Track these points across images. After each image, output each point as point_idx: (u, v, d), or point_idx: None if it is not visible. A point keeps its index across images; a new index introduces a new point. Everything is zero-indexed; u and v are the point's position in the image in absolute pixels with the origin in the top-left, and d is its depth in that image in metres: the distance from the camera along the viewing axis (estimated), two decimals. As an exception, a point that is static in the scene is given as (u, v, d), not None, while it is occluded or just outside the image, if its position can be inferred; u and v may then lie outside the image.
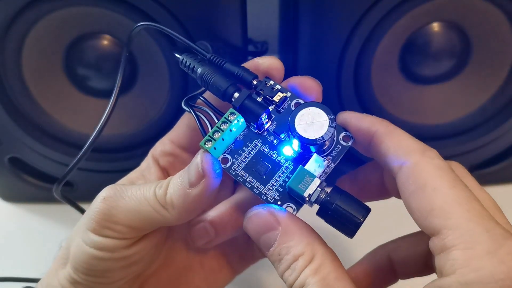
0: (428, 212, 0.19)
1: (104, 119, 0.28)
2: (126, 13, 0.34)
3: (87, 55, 0.37)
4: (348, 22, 0.35)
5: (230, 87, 0.24)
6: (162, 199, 0.23)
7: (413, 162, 0.20)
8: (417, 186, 0.19)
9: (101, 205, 0.24)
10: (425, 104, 0.41)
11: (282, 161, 0.23)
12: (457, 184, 0.19)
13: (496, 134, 0.42)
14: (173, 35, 0.27)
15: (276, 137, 0.24)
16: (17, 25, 0.35)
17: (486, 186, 0.46)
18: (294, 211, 0.22)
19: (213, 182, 0.22)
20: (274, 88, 0.24)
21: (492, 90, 0.41)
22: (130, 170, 0.42)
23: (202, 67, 0.25)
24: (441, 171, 0.20)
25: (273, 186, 0.23)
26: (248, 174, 0.23)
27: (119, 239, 0.24)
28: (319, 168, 0.22)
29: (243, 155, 0.23)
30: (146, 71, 0.38)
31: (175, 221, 0.23)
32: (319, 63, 0.38)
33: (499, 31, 0.38)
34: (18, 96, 0.38)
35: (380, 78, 0.39)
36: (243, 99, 0.23)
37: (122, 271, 0.25)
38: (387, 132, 0.22)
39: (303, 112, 0.22)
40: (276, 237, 0.21)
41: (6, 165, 0.42)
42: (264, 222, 0.22)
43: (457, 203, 0.18)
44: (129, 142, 0.41)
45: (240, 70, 0.24)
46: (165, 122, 0.40)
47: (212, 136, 0.23)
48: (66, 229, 0.43)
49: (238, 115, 0.23)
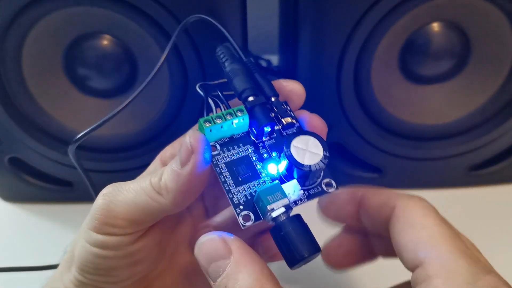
0: (415, 245, 0.20)
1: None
2: (126, 13, 0.34)
3: (87, 55, 0.37)
4: (348, 22, 0.35)
5: (249, 89, 0.25)
6: (157, 185, 0.23)
7: (403, 204, 0.22)
8: (407, 225, 0.21)
9: (100, 202, 0.24)
10: (425, 104, 0.41)
11: (262, 175, 0.24)
12: (443, 223, 0.21)
13: (496, 134, 0.42)
14: (223, 32, 0.29)
15: (267, 152, 0.24)
16: (17, 25, 0.35)
17: (486, 186, 0.47)
18: (251, 221, 0.22)
19: (202, 158, 0.22)
20: (287, 112, 0.25)
21: (492, 90, 0.41)
22: (130, 170, 0.42)
23: (233, 63, 0.26)
24: (427, 211, 0.21)
25: (244, 191, 0.23)
26: (227, 170, 0.23)
27: (120, 236, 0.24)
28: (293, 195, 0.22)
29: (232, 152, 0.24)
30: (146, 71, 0.38)
31: (171, 206, 0.23)
32: (319, 63, 0.38)
33: (499, 31, 0.38)
34: (18, 96, 0.38)
35: (380, 78, 0.39)
36: (257, 103, 0.24)
37: (127, 269, 0.25)
38: (374, 192, 0.24)
39: (304, 138, 0.23)
40: (225, 267, 0.20)
41: (6, 165, 0.42)
42: (216, 248, 0.21)
43: (443, 238, 0.20)
44: (129, 142, 0.41)
45: (266, 84, 0.26)
46: (165, 122, 0.40)
47: (214, 119, 0.23)
48: (66, 229, 0.44)
49: (245, 114, 0.24)
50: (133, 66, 0.37)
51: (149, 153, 0.41)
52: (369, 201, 0.23)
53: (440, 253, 0.19)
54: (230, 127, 0.24)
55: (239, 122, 0.24)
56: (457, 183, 0.46)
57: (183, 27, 0.29)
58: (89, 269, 0.24)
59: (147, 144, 0.41)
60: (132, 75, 0.38)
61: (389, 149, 0.43)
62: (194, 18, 0.30)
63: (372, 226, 0.24)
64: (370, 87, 0.39)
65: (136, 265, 0.25)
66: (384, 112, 0.41)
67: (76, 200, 0.45)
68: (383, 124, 0.42)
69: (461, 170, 0.45)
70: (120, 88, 0.38)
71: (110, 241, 0.24)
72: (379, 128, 0.42)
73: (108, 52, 0.37)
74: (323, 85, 0.39)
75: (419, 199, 0.22)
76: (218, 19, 0.34)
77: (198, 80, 0.36)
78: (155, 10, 0.33)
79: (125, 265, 0.25)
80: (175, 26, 0.34)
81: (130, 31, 0.35)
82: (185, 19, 0.30)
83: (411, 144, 0.43)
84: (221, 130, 0.24)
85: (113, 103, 0.39)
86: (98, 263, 0.24)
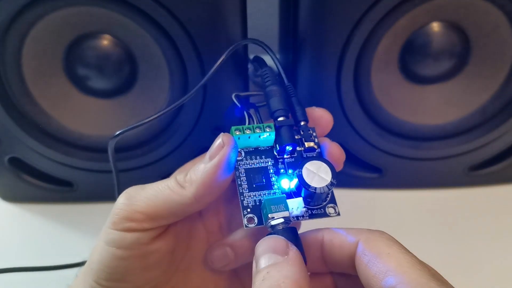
0: (384, 273, 0.21)
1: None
2: (126, 13, 0.34)
3: (87, 55, 0.37)
4: (348, 22, 0.35)
5: (282, 110, 0.28)
6: (181, 180, 0.25)
7: (366, 238, 0.23)
8: (373, 257, 0.22)
9: (122, 198, 0.25)
10: (425, 104, 0.41)
11: (275, 187, 0.26)
12: (406, 251, 0.22)
13: (496, 134, 0.42)
14: (272, 56, 0.31)
15: (285, 168, 0.27)
16: (17, 25, 0.35)
17: (486, 186, 0.47)
18: (254, 224, 0.25)
19: (231, 152, 0.24)
20: (311, 137, 0.28)
21: (492, 90, 0.41)
22: (130, 170, 0.42)
23: (274, 85, 0.29)
24: (391, 242, 0.22)
25: (254, 197, 0.25)
26: (245, 175, 0.26)
27: (137, 231, 0.25)
28: (296, 210, 0.25)
29: (253, 160, 0.27)
30: (146, 71, 0.38)
31: (192, 199, 0.24)
32: (319, 63, 0.38)
33: (499, 31, 0.38)
34: (18, 96, 0.38)
35: (380, 78, 0.39)
36: (285, 124, 0.27)
37: (141, 274, 0.26)
38: (334, 231, 0.24)
39: (317, 162, 0.25)
40: (277, 260, 0.22)
41: (6, 165, 0.42)
42: (277, 245, 0.22)
43: (410, 264, 0.20)
44: (129, 142, 0.41)
45: (300, 108, 0.28)
46: (165, 122, 0.40)
47: (244, 129, 0.26)
48: (66, 229, 0.44)
49: (273, 131, 0.27)
50: (133, 66, 0.37)
51: (149, 153, 0.41)
52: (332, 240, 0.24)
53: (411, 278, 0.20)
54: (257, 139, 0.27)
55: (266, 137, 0.27)
56: (457, 183, 0.46)
57: (232, 49, 0.32)
58: (106, 274, 0.25)
59: (147, 144, 0.41)
60: (132, 75, 0.38)
61: (389, 149, 0.43)
62: (245, 42, 0.33)
63: (337, 265, 0.24)
64: (370, 87, 0.39)
65: (149, 270, 0.26)
66: (384, 112, 0.41)
67: (76, 200, 0.45)
68: (383, 124, 0.42)
69: (461, 170, 0.45)
70: (120, 88, 0.38)
71: (127, 238, 0.25)
72: (379, 128, 0.42)
73: (108, 52, 0.37)
74: (323, 85, 0.39)
75: (380, 232, 0.23)
76: (218, 19, 0.34)
77: (198, 80, 0.37)
78: (155, 10, 0.33)
79: (139, 268, 0.25)
80: (175, 26, 0.34)
81: (130, 31, 0.35)
82: (235, 44, 0.32)
83: (411, 144, 0.43)
84: (248, 140, 0.27)
85: (113, 103, 0.39)
86: (114, 266, 0.25)
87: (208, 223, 0.30)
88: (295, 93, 0.29)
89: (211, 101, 0.38)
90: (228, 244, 0.28)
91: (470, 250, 0.41)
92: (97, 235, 0.26)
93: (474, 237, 0.43)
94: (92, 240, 0.27)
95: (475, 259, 0.41)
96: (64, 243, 0.42)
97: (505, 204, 0.46)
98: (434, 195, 0.46)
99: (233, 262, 0.28)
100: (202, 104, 0.38)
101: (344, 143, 0.43)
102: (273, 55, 0.31)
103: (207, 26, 0.34)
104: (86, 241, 0.41)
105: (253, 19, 0.35)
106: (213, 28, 0.34)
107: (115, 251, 0.25)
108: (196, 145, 0.41)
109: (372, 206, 0.46)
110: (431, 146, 0.43)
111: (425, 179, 0.46)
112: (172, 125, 0.40)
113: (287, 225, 0.24)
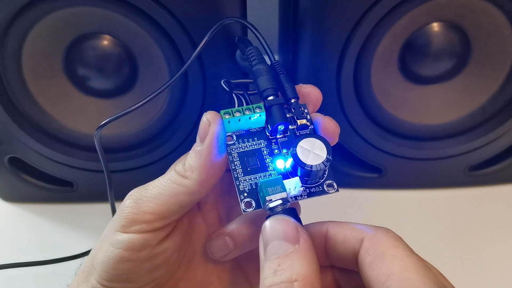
0: (387, 277, 0.20)
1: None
2: (126, 13, 0.34)
3: (87, 55, 0.37)
4: (348, 22, 0.35)
5: (271, 89, 0.27)
6: (181, 170, 0.25)
7: (371, 236, 0.22)
8: (376, 256, 0.21)
9: (128, 201, 0.25)
10: (425, 104, 0.41)
11: (270, 168, 0.25)
12: (412, 254, 0.21)
13: (496, 134, 0.42)
14: (256, 34, 0.30)
15: (278, 149, 0.26)
16: (17, 25, 0.35)
17: (486, 186, 0.47)
18: (252, 208, 0.24)
19: (219, 128, 0.24)
20: (304, 114, 0.27)
21: (492, 90, 0.41)
22: (130, 170, 0.42)
23: (260, 63, 0.28)
24: (397, 242, 0.21)
25: (250, 180, 0.25)
26: (238, 159, 0.25)
27: (148, 232, 0.24)
28: (294, 190, 0.24)
29: (245, 144, 0.26)
30: (146, 71, 0.38)
31: (197, 186, 0.24)
32: (319, 63, 0.38)
33: (499, 31, 0.38)
34: (18, 96, 0.38)
35: (380, 78, 0.39)
36: (275, 103, 0.26)
37: (147, 275, 0.26)
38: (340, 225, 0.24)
39: (311, 139, 0.24)
40: (287, 250, 0.21)
41: (6, 165, 0.42)
42: (286, 230, 0.22)
43: (415, 269, 0.20)
44: (129, 142, 0.41)
45: (289, 86, 0.27)
46: (165, 122, 0.40)
47: (233, 112, 0.25)
48: (66, 229, 0.44)
49: (263, 112, 0.26)
50: (133, 66, 0.37)
51: (149, 153, 0.41)
52: (336, 234, 0.23)
53: (414, 285, 0.19)
54: (248, 121, 0.26)
55: (256, 118, 0.26)
56: (457, 183, 0.46)
57: (216, 29, 0.31)
58: (110, 275, 0.25)
59: (147, 144, 0.41)
60: (132, 75, 0.38)
61: (389, 149, 0.43)
62: (228, 21, 0.32)
63: (339, 260, 0.24)
64: (370, 87, 0.39)
65: (155, 271, 0.26)
66: (384, 112, 0.41)
67: (76, 200, 0.45)
68: (383, 124, 0.42)
69: (461, 170, 0.45)
70: (120, 88, 0.38)
71: (136, 240, 0.24)
72: (379, 128, 0.42)
73: (108, 52, 0.37)
74: (323, 85, 0.39)
75: (387, 230, 0.22)
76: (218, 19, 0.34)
77: (198, 80, 0.37)
78: (155, 10, 0.33)
79: (146, 270, 0.25)
80: (175, 26, 0.34)
81: (130, 31, 0.35)
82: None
83: (411, 144, 0.43)
84: (239, 123, 0.26)
85: (113, 103, 0.39)
86: (121, 268, 0.24)
87: (207, 215, 0.30)
88: (283, 70, 0.28)
89: (212, 101, 0.38)
90: (227, 233, 0.27)
91: (470, 250, 0.41)
92: (97, 235, 0.26)
93: (474, 237, 0.42)
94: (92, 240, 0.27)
95: (475, 259, 0.41)
96: (64, 243, 0.42)
97: (505, 204, 0.46)
98: (434, 195, 0.46)
99: (233, 251, 0.27)
100: (202, 104, 0.38)
101: (344, 143, 0.43)
102: (257, 33, 0.30)
103: (207, 26, 0.34)
104: (86, 241, 0.41)
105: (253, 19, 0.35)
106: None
107: (123, 253, 0.24)
108: (196, 145, 0.41)
109: (372, 206, 0.46)
110: (431, 146, 0.43)
111: (425, 179, 0.46)
112: (172, 125, 0.40)
113: (286, 206, 0.23)
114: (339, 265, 0.24)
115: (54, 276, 0.38)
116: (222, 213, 0.30)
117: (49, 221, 0.44)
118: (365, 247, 0.22)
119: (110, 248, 0.25)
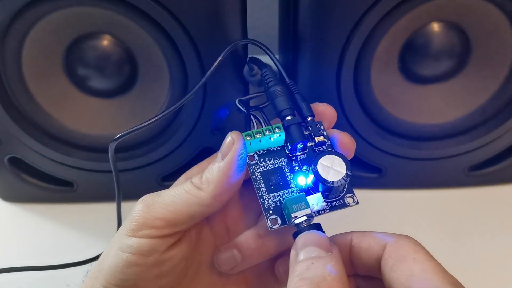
0: (407, 278, 0.21)
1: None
2: (126, 13, 0.34)
3: (87, 55, 0.37)
4: (348, 22, 0.35)
5: (288, 109, 0.28)
6: (197, 183, 0.26)
7: (393, 242, 0.23)
8: (398, 259, 0.22)
9: (140, 205, 0.26)
10: (425, 104, 0.41)
11: (292, 185, 0.27)
12: (432, 258, 0.22)
13: (496, 134, 0.42)
14: (271, 56, 0.32)
15: (299, 166, 0.27)
16: (17, 25, 0.35)
17: (486, 186, 0.47)
18: (278, 224, 0.25)
19: (242, 148, 0.25)
20: (320, 131, 0.28)
21: (492, 90, 0.41)
22: (130, 170, 0.42)
23: (277, 85, 0.30)
24: (418, 248, 0.22)
25: (274, 198, 0.26)
26: (261, 178, 0.27)
27: (156, 238, 0.25)
28: (317, 205, 0.25)
29: (267, 163, 0.27)
30: (146, 71, 0.38)
31: (210, 199, 0.25)
32: (319, 63, 0.38)
33: (499, 31, 0.38)
34: (18, 96, 0.38)
35: (380, 78, 0.39)
36: (293, 123, 0.28)
37: (154, 282, 0.26)
38: (363, 234, 0.25)
39: (330, 156, 0.26)
40: (321, 254, 0.22)
41: (6, 165, 0.42)
42: (320, 241, 0.23)
43: (434, 271, 0.21)
44: (129, 142, 0.41)
45: (305, 104, 0.29)
46: (165, 122, 0.40)
47: (254, 133, 0.27)
48: (66, 229, 0.44)
49: (282, 132, 0.27)
50: (133, 66, 0.37)
51: (149, 153, 0.41)
52: (360, 243, 0.24)
53: (434, 285, 0.20)
54: (268, 142, 0.27)
55: (276, 138, 0.27)
56: (457, 183, 0.46)
57: (230, 49, 0.32)
58: (118, 280, 0.25)
59: (147, 144, 0.41)
60: (132, 75, 0.38)
61: (389, 149, 0.43)
62: (244, 42, 0.34)
63: (363, 268, 0.25)
64: (370, 87, 0.39)
65: (162, 278, 0.26)
66: (384, 112, 0.41)
67: (76, 200, 0.45)
68: (383, 124, 0.42)
69: (461, 170, 0.45)
70: (120, 88, 0.38)
71: (145, 245, 0.25)
72: (379, 128, 0.42)
73: (108, 52, 0.37)
74: (323, 85, 0.39)
75: (408, 237, 0.23)
76: (218, 19, 0.34)
77: (198, 80, 0.37)
78: (155, 10, 0.33)
79: (153, 276, 0.25)
80: (175, 26, 0.34)
81: (130, 31, 0.35)
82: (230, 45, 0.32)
83: (411, 144, 0.43)
84: (260, 144, 0.27)
85: (113, 103, 0.39)
86: (128, 273, 0.25)
87: (215, 227, 0.30)
88: (297, 90, 0.30)
89: (211, 101, 0.38)
90: (235, 246, 0.28)
91: (470, 250, 0.41)
92: (97, 235, 0.26)
93: (474, 237, 0.43)
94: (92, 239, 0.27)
95: (475, 259, 0.41)
96: (64, 243, 0.42)
97: (505, 204, 0.46)
98: (434, 195, 0.46)
99: (240, 264, 0.28)
100: (202, 104, 0.38)
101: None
102: (272, 54, 0.32)
103: (207, 26, 0.34)
104: (86, 241, 0.41)
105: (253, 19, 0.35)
106: (213, 28, 0.34)
107: (130, 257, 0.25)
108: (196, 145, 0.41)
109: (372, 206, 0.46)
110: (431, 146, 0.43)
111: (425, 179, 0.46)
112: (172, 125, 0.40)
113: (310, 221, 0.24)
114: (363, 272, 0.25)
115: (55, 280, 0.38)
116: (231, 224, 0.30)
117: (49, 221, 0.44)
118: (388, 252, 0.23)
119: (119, 253, 0.25)
